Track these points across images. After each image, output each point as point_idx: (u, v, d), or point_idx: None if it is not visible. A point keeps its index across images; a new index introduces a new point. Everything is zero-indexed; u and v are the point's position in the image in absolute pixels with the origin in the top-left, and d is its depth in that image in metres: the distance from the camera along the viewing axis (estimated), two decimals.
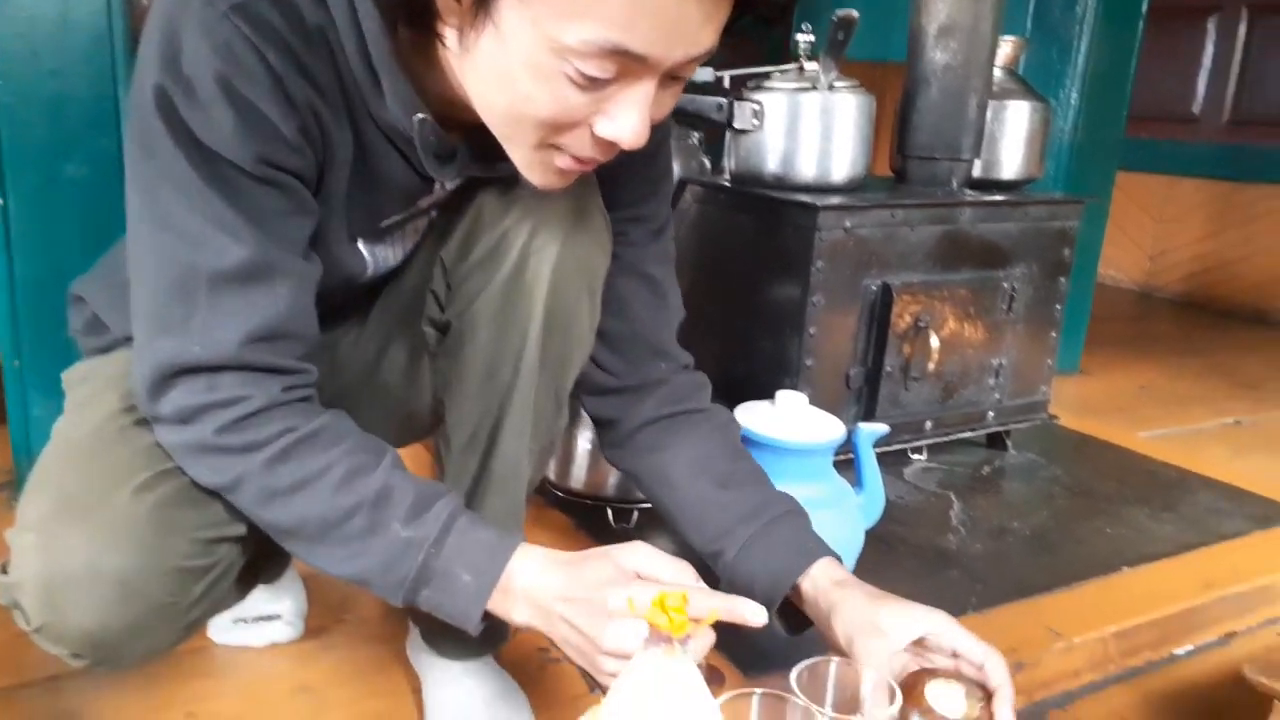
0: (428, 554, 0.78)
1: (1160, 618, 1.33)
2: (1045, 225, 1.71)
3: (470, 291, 0.92)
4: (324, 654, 1.20)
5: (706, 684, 0.78)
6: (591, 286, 0.94)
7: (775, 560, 0.93)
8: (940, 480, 1.74)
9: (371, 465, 0.80)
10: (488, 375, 0.93)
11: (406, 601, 0.79)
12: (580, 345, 0.97)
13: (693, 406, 1.05)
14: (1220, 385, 2.74)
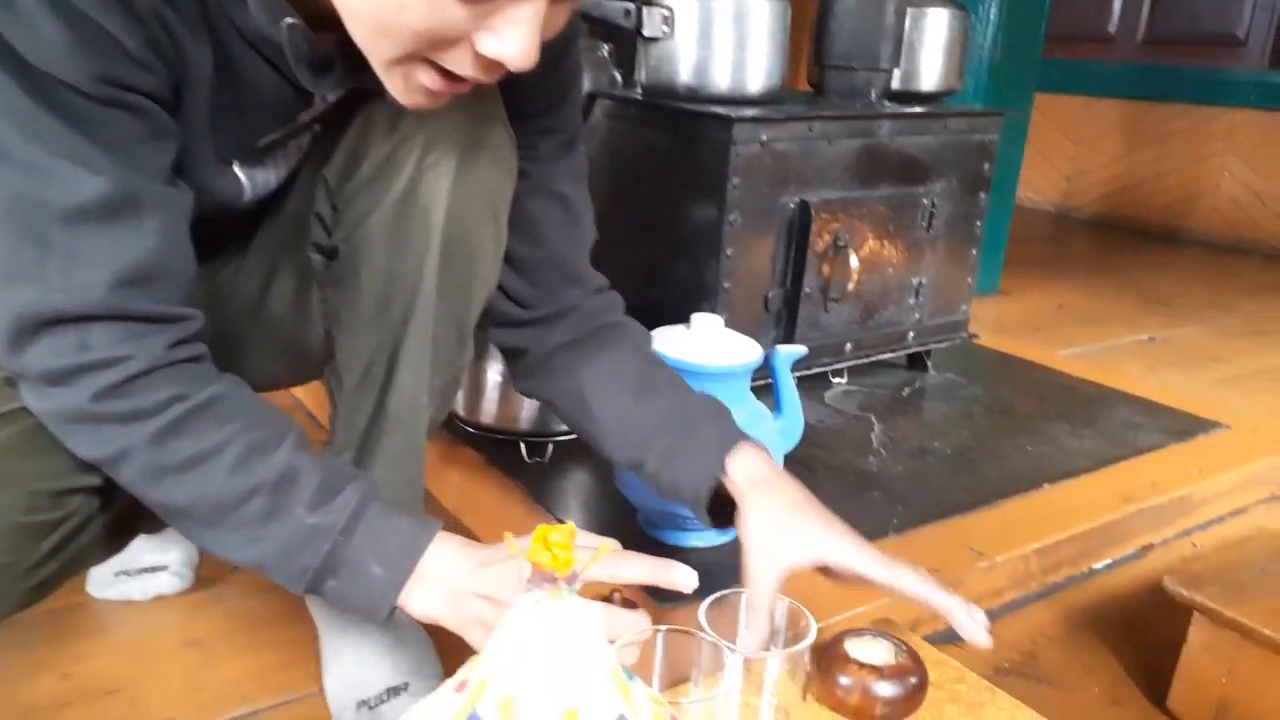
0: (335, 542, 0.73)
1: (1080, 533, 1.32)
2: (965, 139, 1.67)
3: (358, 214, 0.84)
4: (214, 606, 1.13)
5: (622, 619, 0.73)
6: (495, 207, 0.87)
7: (696, 462, 0.88)
8: (861, 403, 1.71)
9: (273, 443, 0.73)
10: (381, 306, 0.85)
11: (309, 591, 0.74)
12: (484, 272, 0.89)
13: (604, 322, 0.99)
14: (1135, 303, 2.77)
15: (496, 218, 0.86)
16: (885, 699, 0.77)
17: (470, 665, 0.49)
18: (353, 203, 0.84)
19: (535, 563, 0.46)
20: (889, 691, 0.77)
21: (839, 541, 0.80)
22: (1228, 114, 3.55)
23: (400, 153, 0.81)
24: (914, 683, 0.78)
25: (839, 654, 0.80)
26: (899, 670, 0.78)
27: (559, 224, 0.95)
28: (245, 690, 0.99)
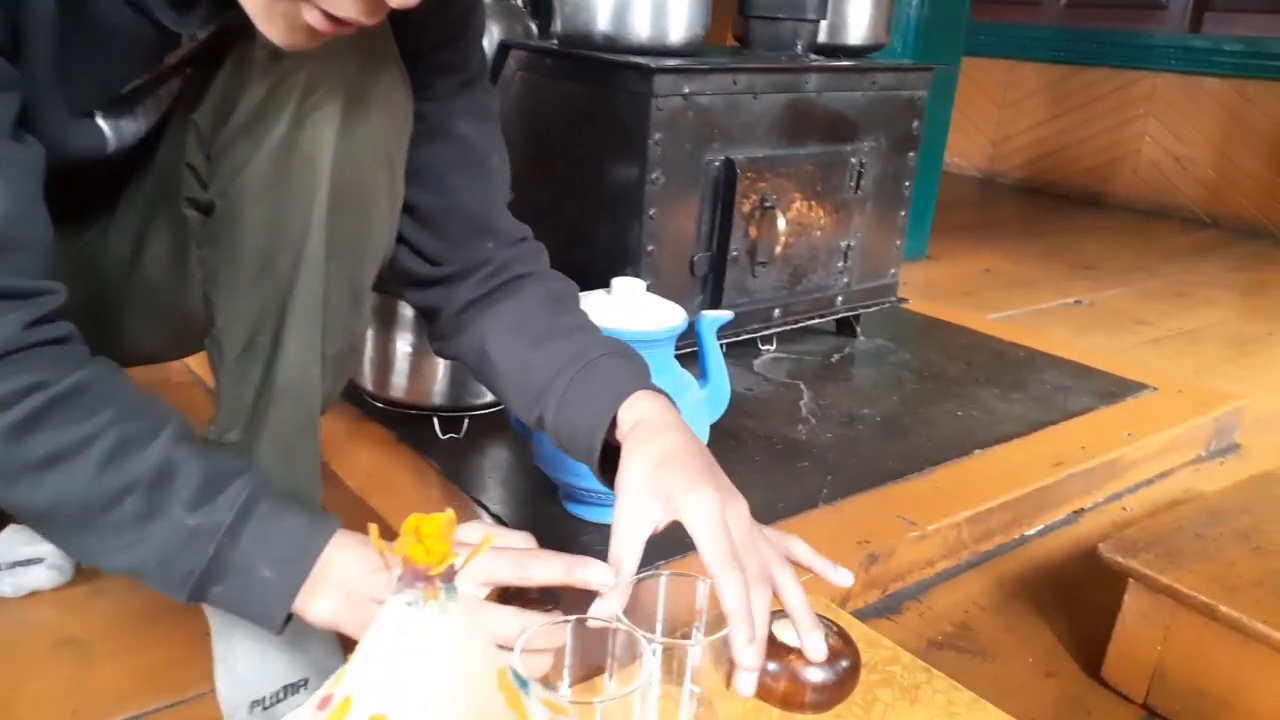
0: (220, 545, 0.65)
1: (1012, 499, 1.29)
2: (894, 95, 1.62)
3: (234, 164, 0.75)
4: (95, 601, 1.03)
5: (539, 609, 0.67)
6: (389, 154, 0.78)
7: (590, 407, 0.80)
8: (790, 370, 1.66)
9: (148, 435, 0.65)
10: (263, 266, 0.76)
11: (194, 599, 0.66)
12: (378, 227, 0.81)
13: (516, 273, 0.91)
14: (1060, 267, 2.77)
15: (390, 165, 0.78)
16: (815, 685, 0.71)
17: (335, 678, 0.42)
18: (228, 151, 0.75)
19: (405, 558, 0.39)
20: (819, 677, 0.71)
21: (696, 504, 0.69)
22: (1149, 78, 3.58)
23: (279, 94, 0.73)
24: (845, 666, 0.72)
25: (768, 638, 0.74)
26: (830, 654, 0.72)
27: (462, 169, 0.87)
28: (128, 692, 0.91)
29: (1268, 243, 3.29)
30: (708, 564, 0.68)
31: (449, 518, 0.40)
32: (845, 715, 0.72)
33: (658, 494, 0.71)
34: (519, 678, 0.43)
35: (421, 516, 0.40)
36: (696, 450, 0.75)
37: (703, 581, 0.72)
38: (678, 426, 0.77)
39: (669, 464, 0.73)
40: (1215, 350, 2.15)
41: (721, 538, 0.68)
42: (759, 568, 0.69)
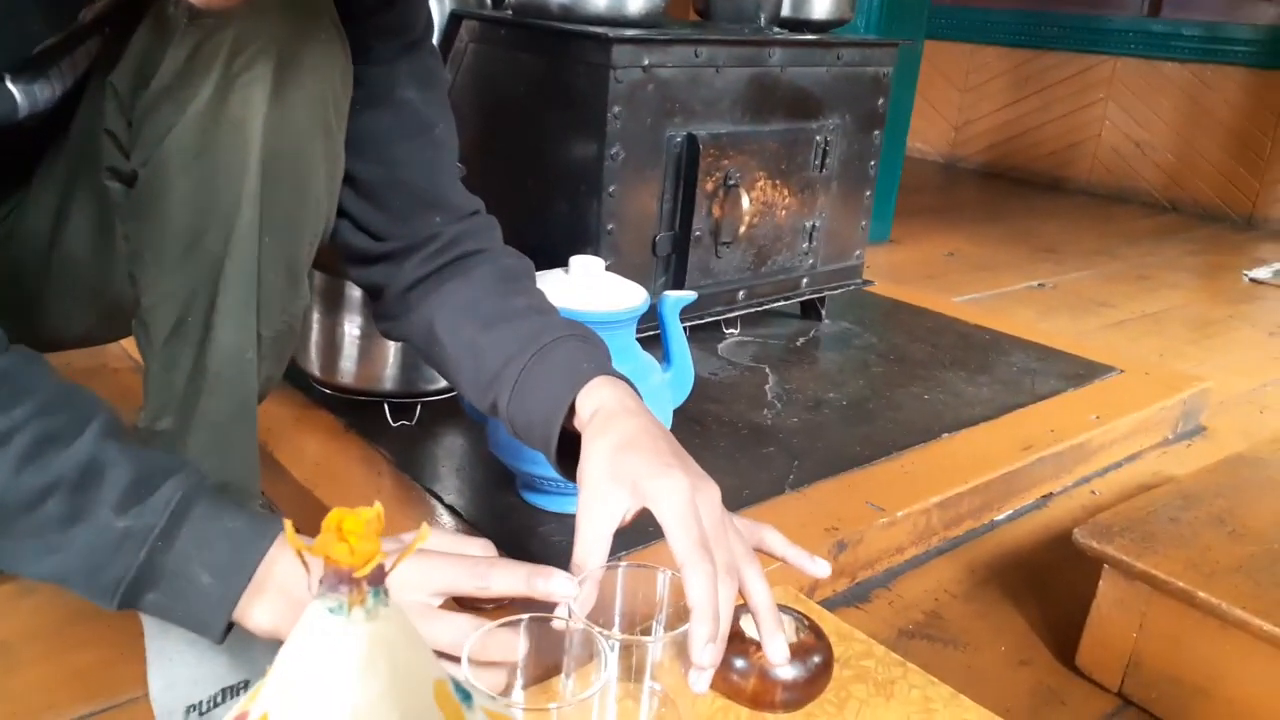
0: (153, 549, 0.60)
1: (982, 483, 1.26)
2: (859, 71, 1.58)
3: (156, 130, 0.69)
4: (20, 600, 0.97)
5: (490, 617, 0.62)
6: (326, 119, 0.73)
7: (547, 393, 0.76)
8: (754, 354, 1.62)
9: (71, 431, 0.59)
10: (191, 242, 0.71)
11: (124, 606, 0.61)
12: (317, 200, 0.76)
13: (466, 250, 0.86)
14: (1022, 250, 2.77)
15: (328, 131, 0.73)
16: (786, 683, 0.67)
17: (252, 695, 0.37)
18: (150, 117, 0.69)
19: (326, 558, 0.34)
20: (790, 674, 0.67)
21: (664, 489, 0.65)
22: (1109, 62, 3.58)
23: (204, 54, 0.67)
24: (818, 662, 0.68)
25: (732, 633, 0.70)
26: (801, 649, 0.68)
27: (407, 138, 0.82)
28: (55, 697, 0.85)
29: (1226, 226, 3.30)
30: (676, 553, 0.63)
31: (377, 512, 0.36)
32: (818, 714, 0.68)
33: (623, 481, 0.67)
34: (460, 689, 0.38)
35: (345, 511, 0.35)
36: (660, 435, 0.71)
37: (662, 573, 0.68)
38: (640, 412, 0.73)
39: (633, 449, 0.68)
40: (1178, 332, 2.14)
41: (691, 525, 0.64)
42: (726, 560, 0.65)
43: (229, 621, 0.62)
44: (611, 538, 0.67)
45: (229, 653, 0.86)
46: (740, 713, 0.68)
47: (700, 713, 0.68)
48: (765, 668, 0.67)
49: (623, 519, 0.67)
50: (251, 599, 0.61)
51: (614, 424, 0.71)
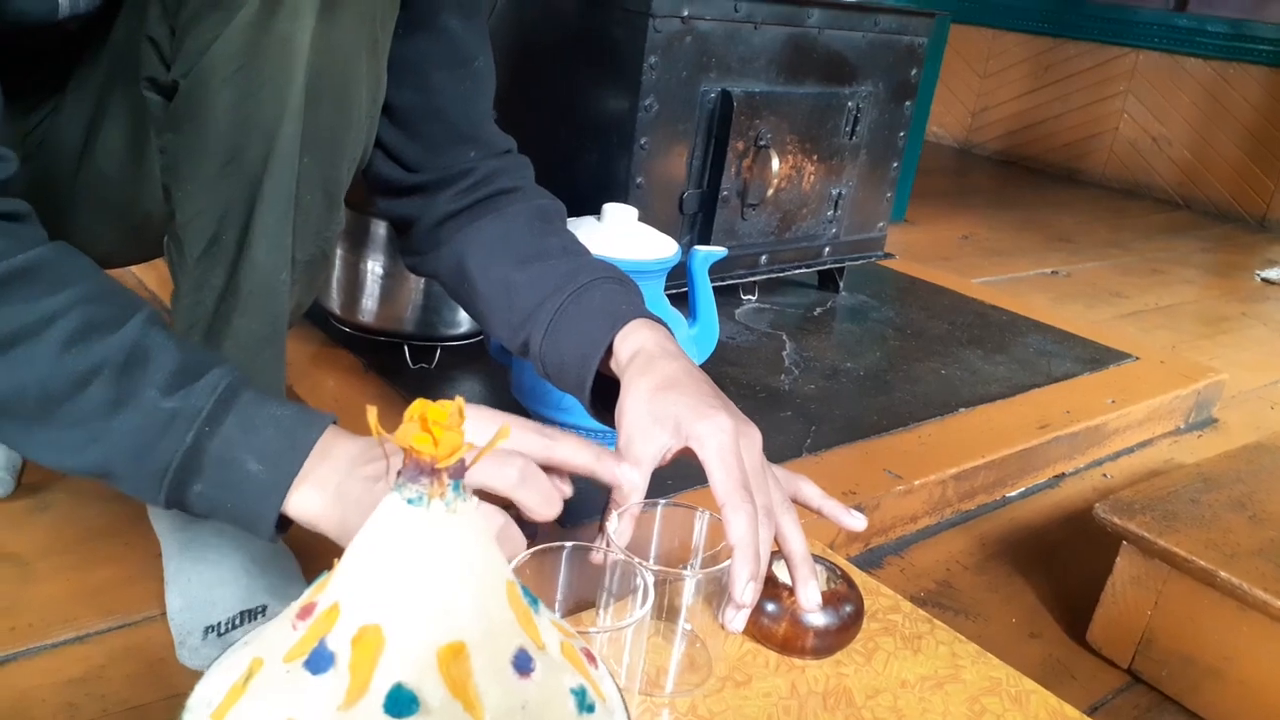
0: (200, 433, 0.57)
1: (998, 459, 1.26)
2: (894, 40, 1.56)
3: (200, 40, 0.67)
4: (38, 516, 0.97)
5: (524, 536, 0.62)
6: (373, 37, 0.71)
7: (584, 333, 0.75)
8: (772, 321, 1.61)
9: (116, 318, 0.57)
10: (230, 157, 0.69)
11: (171, 500, 0.59)
12: (359, 121, 0.74)
13: (500, 187, 0.85)
14: (1037, 238, 2.76)
15: (374, 50, 0.71)
16: (817, 630, 0.67)
17: (319, 585, 0.37)
18: (194, 25, 0.67)
19: (410, 449, 0.34)
20: (821, 621, 0.67)
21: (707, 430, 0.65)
22: (1131, 54, 3.56)
23: None
24: (849, 612, 0.68)
25: (765, 577, 0.69)
26: (833, 597, 0.68)
27: (447, 68, 0.80)
28: (71, 612, 0.85)
29: (1239, 226, 3.30)
30: (717, 492, 0.63)
31: (459, 404, 0.35)
32: (846, 663, 0.68)
33: (666, 421, 0.66)
34: (529, 594, 0.38)
35: (427, 402, 0.34)
36: (702, 378, 0.71)
37: (700, 514, 0.67)
38: (679, 355, 0.73)
39: (675, 390, 0.68)
40: (1190, 326, 2.14)
41: (734, 466, 0.63)
42: (765, 503, 0.65)
43: (279, 514, 0.59)
44: (650, 474, 0.66)
45: (248, 576, 0.86)
46: (769, 656, 0.68)
47: (729, 654, 0.67)
48: (797, 613, 0.67)
49: (663, 458, 0.67)
50: (300, 489, 0.59)
51: (655, 365, 0.70)
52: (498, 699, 0.34)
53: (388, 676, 0.33)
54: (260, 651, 0.37)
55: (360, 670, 0.33)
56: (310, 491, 0.58)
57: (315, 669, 0.34)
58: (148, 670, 0.80)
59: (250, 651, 0.37)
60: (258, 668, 0.36)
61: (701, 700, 0.63)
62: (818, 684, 0.66)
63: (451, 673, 0.33)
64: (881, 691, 0.66)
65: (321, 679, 0.34)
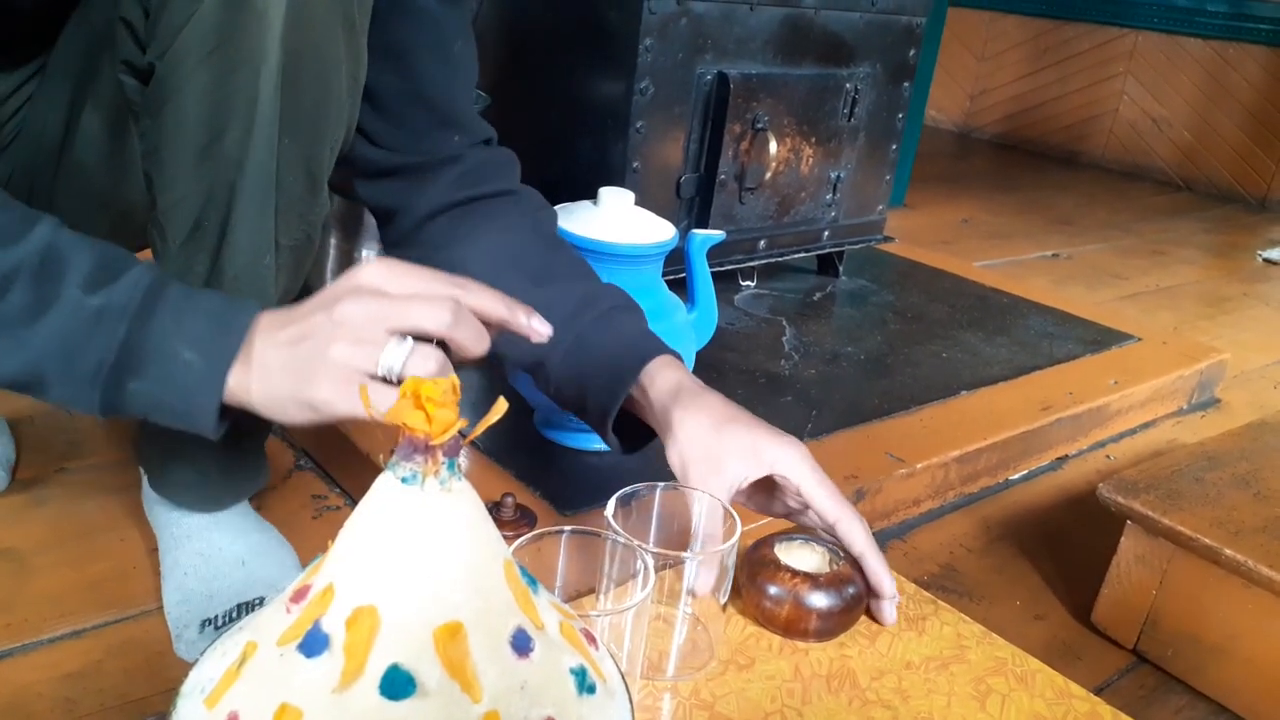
0: (130, 327, 0.55)
1: (1000, 440, 1.25)
2: (892, 20, 1.55)
3: (174, 20, 0.65)
4: (34, 510, 0.96)
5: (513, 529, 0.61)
6: (349, 13, 0.69)
7: (606, 363, 0.77)
8: (771, 306, 1.61)
9: (23, 226, 0.55)
10: (208, 141, 0.67)
11: (107, 405, 0.56)
12: (339, 100, 0.72)
13: (495, 189, 0.84)
14: (1037, 221, 2.74)
15: (350, 27, 0.70)
16: (820, 611, 0.66)
17: (314, 568, 0.36)
18: (167, 5, 0.65)
19: (404, 425, 0.33)
20: (825, 603, 0.66)
21: (790, 453, 0.71)
22: (1131, 35, 3.54)
23: None
24: (852, 594, 0.68)
25: (767, 559, 0.69)
26: (836, 578, 0.67)
27: (428, 50, 0.80)
28: (67, 607, 0.84)
29: (1240, 207, 3.28)
30: (824, 510, 0.69)
31: (453, 382, 0.34)
32: (849, 645, 0.67)
33: (741, 452, 0.70)
34: (527, 574, 0.37)
35: (422, 379, 0.34)
36: (743, 409, 0.75)
37: (699, 496, 0.67)
38: (713, 391, 0.76)
39: (739, 423, 0.72)
40: (1192, 307, 2.13)
41: (829, 484, 0.70)
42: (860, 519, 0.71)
43: (220, 404, 0.57)
44: None
45: (245, 568, 0.85)
46: (772, 640, 0.67)
47: (732, 638, 0.67)
48: (801, 596, 0.66)
49: (739, 487, 0.70)
50: (242, 377, 0.57)
51: (703, 401, 0.73)
52: (496, 679, 0.33)
53: (383, 658, 0.33)
54: (254, 635, 0.36)
55: (355, 652, 0.33)
56: (250, 379, 0.57)
57: (309, 652, 0.33)
58: (145, 664, 0.79)
59: (245, 636, 0.37)
60: (251, 651, 0.35)
61: (704, 683, 0.62)
62: (821, 666, 0.65)
63: (449, 653, 0.33)
64: (886, 673, 0.65)
65: (316, 661, 0.33)
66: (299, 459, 1.12)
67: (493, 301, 0.60)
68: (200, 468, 0.83)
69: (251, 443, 0.86)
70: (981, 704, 0.63)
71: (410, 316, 0.55)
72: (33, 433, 1.08)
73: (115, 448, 1.07)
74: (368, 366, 0.55)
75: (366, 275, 0.57)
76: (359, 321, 0.55)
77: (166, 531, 0.87)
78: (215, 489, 0.84)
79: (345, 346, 0.55)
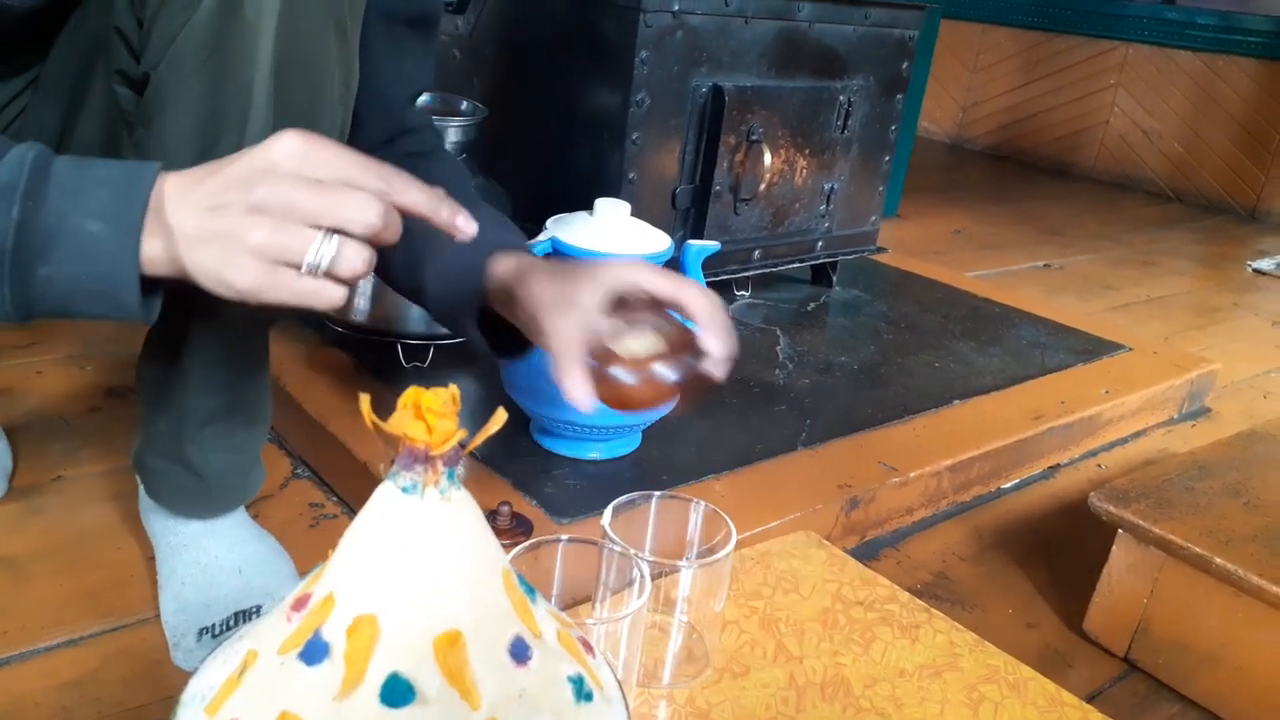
0: (24, 209, 0.51)
1: (992, 449, 1.26)
2: (885, 33, 1.56)
3: (168, 28, 0.65)
4: (30, 519, 0.96)
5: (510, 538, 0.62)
6: (339, 20, 0.70)
7: (466, 264, 0.78)
8: (765, 316, 1.61)
9: None
10: (202, 149, 0.67)
11: (20, 301, 0.52)
12: (331, 106, 0.72)
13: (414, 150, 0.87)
14: (1029, 232, 2.76)
15: (342, 35, 0.70)
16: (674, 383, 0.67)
17: (314, 577, 0.36)
18: (160, 14, 0.65)
19: (403, 435, 0.33)
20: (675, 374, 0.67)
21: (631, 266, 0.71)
22: (1121, 48, 3.56)
23: None
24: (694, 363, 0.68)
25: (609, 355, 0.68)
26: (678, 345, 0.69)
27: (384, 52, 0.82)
28: (64, 615, 0.84)
29: (1230, 218, 3.30)
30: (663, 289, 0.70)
31: (453, 392, 0.35)
32: (844, 653, 0.68)
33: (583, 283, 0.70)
34: (526, 583, 0.38)
35: (421, 389, 0.34)
36: None
37: (695, 505, 0.67)
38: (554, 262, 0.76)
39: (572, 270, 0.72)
40: (1183, 317, 2.15)
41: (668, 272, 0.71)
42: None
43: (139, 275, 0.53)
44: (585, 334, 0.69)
45: (241, 576, 0.86)
46: (766, 646, 0.68)
47: (727, 646, 0.67)
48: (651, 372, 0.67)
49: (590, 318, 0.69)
50: (158, 242, 0.53)
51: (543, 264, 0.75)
52: (495, 687, 0.34)
53: (383, 666, 0.33)
54: (255, 644, 0.36)
55: (355, 660, 0.33)
56: (157, 237, 0.53)
57: (310, 660, 0.34)
58: (142, 673, 0.79)
59: (245, 644, 0.37)
60: (252, 660, 0.36)
61: (699, 691, 0.63)
62: (815, 674, 0.66)
63: (448, 661, 0.33)
64: (880, 681, 0.65)
65: (316, 670, 0.34)
66: (296, 467, 1.12)
67: (420, 197, 0.57)
68: (197, 475, 0.83)
69: (248, 449, 0.86)
70: (974, 711, 0.64)
71: (336, 213, 0.52)
72: (30, 441, 1.08)
73: (112, 456, 1.07)
74: (291, 259, 0.52)
75: (282, 151, 0.53)
76: (279, 209, 0.52)
77: (163, 540, 0.87)
78: (211, 497, 0.85)
79: (265, 234, 0.52)
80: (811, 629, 0.70)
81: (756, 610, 0.72)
